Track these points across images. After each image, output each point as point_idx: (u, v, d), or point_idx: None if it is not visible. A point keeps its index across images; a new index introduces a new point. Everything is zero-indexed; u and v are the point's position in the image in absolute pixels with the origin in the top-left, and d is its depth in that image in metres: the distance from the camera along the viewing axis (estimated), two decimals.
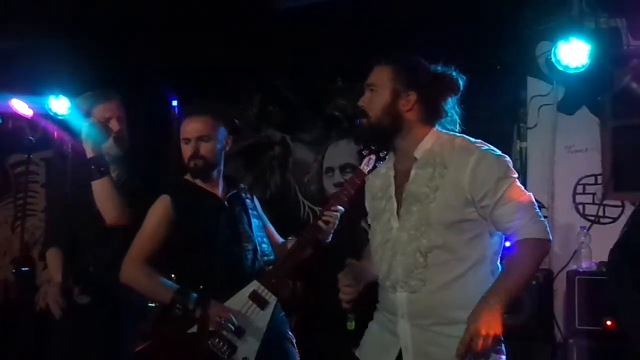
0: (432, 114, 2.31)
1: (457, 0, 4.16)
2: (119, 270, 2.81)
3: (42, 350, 3.43)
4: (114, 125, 3.11)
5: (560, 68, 4.02)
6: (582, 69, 3.98)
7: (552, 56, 4.00)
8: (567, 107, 4.30)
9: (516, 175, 2.24)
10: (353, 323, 2.38)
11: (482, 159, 2.18)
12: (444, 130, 2.33)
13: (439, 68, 2.35)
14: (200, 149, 2.84)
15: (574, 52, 3.95)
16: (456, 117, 2.35)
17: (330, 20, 4.47)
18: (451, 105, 2.34)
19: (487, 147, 2.24)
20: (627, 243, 2.35)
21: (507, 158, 2.25)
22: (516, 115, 4.47)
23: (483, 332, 2.03)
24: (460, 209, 2.18)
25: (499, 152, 2.25)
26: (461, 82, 2.33)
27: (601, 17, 4.09)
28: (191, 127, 2.85)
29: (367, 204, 2.51)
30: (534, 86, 4.43)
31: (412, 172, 2.26)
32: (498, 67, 4.43)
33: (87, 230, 3.08)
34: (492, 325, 2.04)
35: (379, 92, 2.29)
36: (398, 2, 4.26)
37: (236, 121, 3.21)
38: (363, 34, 4.46)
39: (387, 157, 2.45)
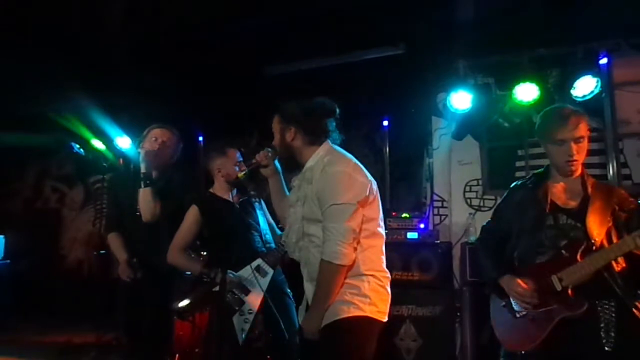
0: (316, 136, 2.12)
1: (385, 68, 4.21)
2: (159, 253, 2.79)
3: (113, 305, 3.35)
4: (154, 144, 2.88)
5: (452, 110, 4.04)
6: (467, 111, 4.00)
7: (447, 102, 4.02)
8: (457, 135, 4.31)
9: (355, 199, 1.97)
10: (243, 174, 2.34)
11: (325, 178, 2.00)
12: (334, 146, 2.15)
13: (318, 101, 2.14)
14: None
15: (461, 99, 3.96)
16: (337, 135, 2.16)
17: (310, 83, 4.41)
18: (333, 126, 2.15)
19: (339, 168, 2.00)
20: (482, 226, 2.46)
21: (359, 181, 1.99)
22: (426, 141, 4.47)
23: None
24: (317, 212, 2.05)
25: (353, 176, 2.00)
26: (336, 108, 2.14)
27: (478, 76, 4.09)
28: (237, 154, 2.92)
29: None
30: (436, 122, 4.44)
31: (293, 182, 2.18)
32: (413, 110, 4.48)
33: (132, 224, 2.94)
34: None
35: (275, 133, 2.20)
36: (342, 70, 4.29)
37: (242, 149, 3.19)
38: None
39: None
